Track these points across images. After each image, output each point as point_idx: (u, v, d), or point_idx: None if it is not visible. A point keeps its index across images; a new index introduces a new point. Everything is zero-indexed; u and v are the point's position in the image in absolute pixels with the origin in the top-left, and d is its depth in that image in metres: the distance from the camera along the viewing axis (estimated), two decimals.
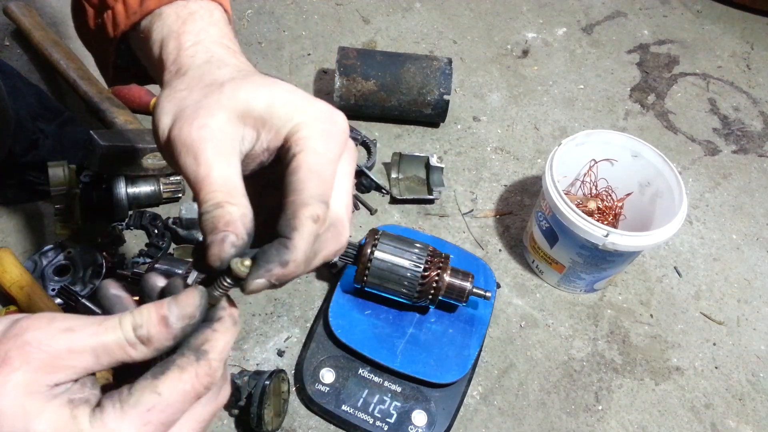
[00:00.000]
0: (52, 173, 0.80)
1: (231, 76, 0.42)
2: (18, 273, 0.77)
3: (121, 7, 0.48)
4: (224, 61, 0.44)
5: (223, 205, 0.37)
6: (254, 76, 0.43)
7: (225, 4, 0.51)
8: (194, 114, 0.39)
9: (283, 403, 0.74)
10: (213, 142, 0.38)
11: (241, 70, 0.44)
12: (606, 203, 0.94)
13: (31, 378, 0.34)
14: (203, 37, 0.46)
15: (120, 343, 0.35)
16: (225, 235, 0.36)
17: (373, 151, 1.02)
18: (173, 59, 0.45)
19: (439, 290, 0.76)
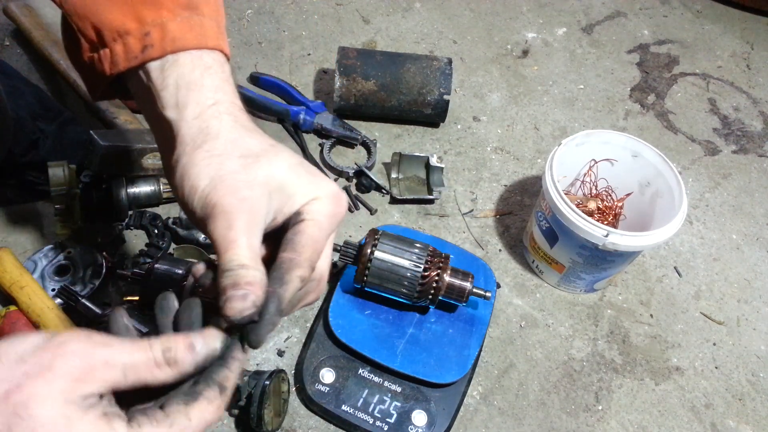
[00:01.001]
0: (52, 173, 0.80)
1: (263, 148, 0.47)
2: (18, 273, 0.77)
3: (121, 48, 0.48)
4: (248, 128, 0.48)
5: (248, 268, 0.41)
6: (281, 151, 0.48)
7: (227, 51, 0.53)
8: (235, 185, 0.44)
9: (283, 403, 0.74)
10: (249, 215, 0.43)
11: (266, 140, 0.48)
12: (606, 203, 0.94)
13: (70, 387, 0.36)
14: (221, 97, 0.49)
15: (148, 363, 0.39)
16: (246, 293, 0.41)
17: (373, 151, 1.02)
18: (196, 114, 0.47)
19: (439, 290, 0.76)
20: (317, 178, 0.48)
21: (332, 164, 1.00)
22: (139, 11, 0.48)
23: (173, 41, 0.48)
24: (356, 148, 1.05)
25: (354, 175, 1.00)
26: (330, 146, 1.03)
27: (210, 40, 0.50)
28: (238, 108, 0.50)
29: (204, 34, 0.49)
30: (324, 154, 1.01)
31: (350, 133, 1.03)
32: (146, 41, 0.48)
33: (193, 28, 0.49)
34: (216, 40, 0.50)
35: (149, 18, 0.48)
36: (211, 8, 0.51)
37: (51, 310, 0.74)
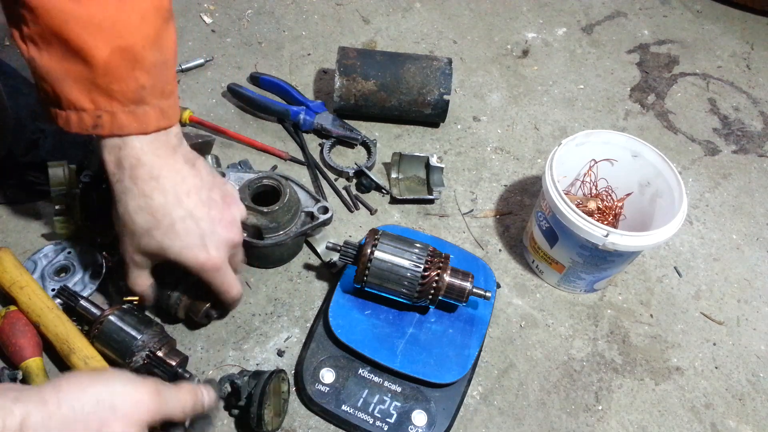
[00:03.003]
0: (52, 173, 0.80)
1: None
2: (18, 273, 0.77)
3: (76, 118, 0.60)
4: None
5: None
6: (161, 225, 0.65)
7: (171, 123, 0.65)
8: (121, 243, 0.70)
9: (283, 403, 0.74)
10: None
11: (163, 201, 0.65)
12: (606, 203, 0.94)
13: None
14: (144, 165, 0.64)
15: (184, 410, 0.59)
16: None
17: (373, 151, 1.02)
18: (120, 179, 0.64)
19: (439, 290, 0.76)
20: (189, 241, 0.66)
21: (332, 164, 1.00)
22: (94, 97, 0.59)
23: (120, 128, 0.60)
24: (356, 148, 1.05)
25: (354, 175, 1.00)
26: (330, 146, 1.03)
27: (150, 126, 0.62)
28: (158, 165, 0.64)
29: (147, 122, 0.61)
30: (324, 154, 1.01)
31: (350, 133, 1.03)
32: (98, 121, 0.60)
33: (137, 119, 0.61)
34: (156, 124, 0.62)
35: (102, 104, 0.59)
36: (156, 95, 0.62)
37: (51, 310, 0.74)
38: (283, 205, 0.81)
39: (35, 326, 0.74)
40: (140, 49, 0.59)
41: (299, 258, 0.90)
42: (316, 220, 0.84)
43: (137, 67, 0.60)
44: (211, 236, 0.67)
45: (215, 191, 0.69)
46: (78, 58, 0.57)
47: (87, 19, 0.57)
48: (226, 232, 0.68)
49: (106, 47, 0.57)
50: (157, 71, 0.62)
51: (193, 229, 0.65)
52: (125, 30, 0.58)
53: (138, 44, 0.59)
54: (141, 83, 0.60)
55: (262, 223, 0.80)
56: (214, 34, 1.20)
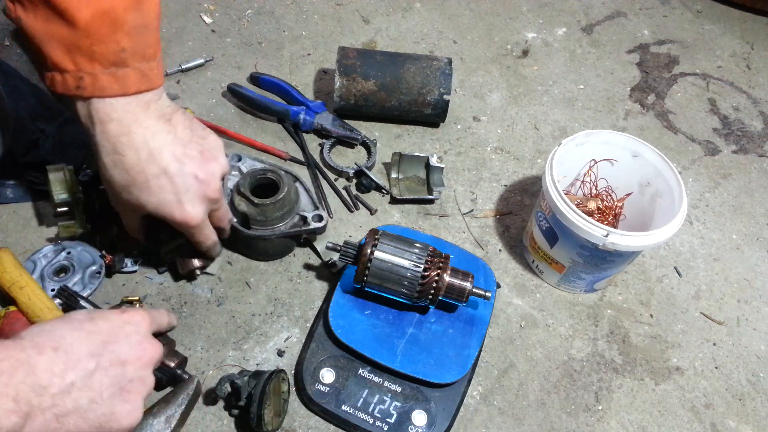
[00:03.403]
0: (53, 178, 0.80)
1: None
2: (18, 273, 0.77)
3: (59, 78, 0.61)
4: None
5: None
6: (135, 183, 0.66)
7: (154, 84, 0.66)
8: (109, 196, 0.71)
9: (283, 403, 0.74)
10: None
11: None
12: (606, 203, 0.94)
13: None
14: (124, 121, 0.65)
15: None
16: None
17: (373, 151, 1.02)
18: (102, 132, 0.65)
19: (439, 290, 0.76)
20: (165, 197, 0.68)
21: (332, 164, 1.00)
22: (76, 58, 0.60)
23: (101, 89, 0.62)
24: (356, 148, 1.05)
25: (354, 175, 1.00)
26: (330, 146, 1.03)
27: (131, 88, 0.63)
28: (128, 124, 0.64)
29: (127, 84, 0.63)
30: (324, 154, 1.01)
31: (350, 133, 1.03)
32: (80, 83, 0.61)
33: (118, 81, 0.62)
34: (137, 87, 0.64)
35: (84, 66, 0.60)
36: (137, 58, 0.63)
37: (51, 311, 0.74)
38: (276, 201, 0.81)
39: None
40: (121, 11, 0.60)
41: (299, 258, 0.90)
42: (308, 225, 0.84)
43: (118, 29, 0.61)
44: (185, 193, 0.67)
45: (191, 146, 0.69)
46: (61, 20, 0.59)
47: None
48: (202, 188, 0.69)
49: (88, 9, 0.59)
50: (138, 34, 0.63)
51: (167, 186, 0.66)
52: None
53: (119, 7, 0.60)
54: (122, 46, 0.61)
55: (250, 212, 0.81)
56: (214, 34, 1.20)
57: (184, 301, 0.84)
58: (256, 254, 0.88)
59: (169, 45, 1.16)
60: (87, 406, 0.52)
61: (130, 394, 0.56)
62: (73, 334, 0.54)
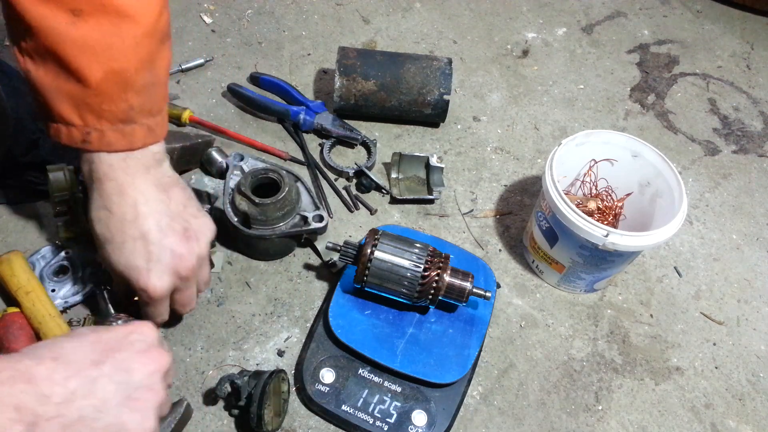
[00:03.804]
0: (53, 177, 0.80)
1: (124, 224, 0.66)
2: (26, 278, 0.77)
3: (65, 132, 0.62)
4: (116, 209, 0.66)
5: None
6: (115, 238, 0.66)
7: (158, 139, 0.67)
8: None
9: (283, 403, 0.74)
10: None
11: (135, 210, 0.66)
12: (606, 203, 0.94)
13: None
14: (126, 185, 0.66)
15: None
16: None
17: (373, 151, 1.02)
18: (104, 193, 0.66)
19: (439, 290, 0.76)
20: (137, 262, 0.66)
21: (332, 164, 1.00)
22: (84, 114, 0.61)
23: (108, 145, 0.63)
24: (356, 148, 1.05)
25: (354, 175, 1.00)
26: (330, 146, 1.03)
27: (137, 143, 0.64)
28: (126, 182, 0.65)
29: (133, 139, 0.64)
30: (324, 154, 1.01)
31: (350, 133, 1.03)
32: (86, 137, 0.62)
33: (125, 137, 0.63)
34: (143, 141, 0.65)
35: (92, 122, 0.61)
36: (144, 114, 0.64)
37: (53, 318, 0.74)
38: (276, 201, 0.81)
39: (35, 333, 0.74)
40: (132, 72, 0.61)
41: (299, 258, 0.90)
42: (308, 225, 0.84)
43: (128, 89, 0.62)
44: (156, 263, 0.66)
45: (177, 221, 0.68)
46: (72, 77, 0.59)
47: (82, 41, 0.58)
48: (174, 263, 0.67)
49: (100, 70, 0.59)
50: (147, 92, 0.64)
51: (141, 251, 0.65)
52: (119, 54, 0.60)
53: (131, 68, 0.61)
54: (131, 104, 0.62)
55: (251, 212, 0.81)
56: (214, 34, 1.20)
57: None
58: (257, 254, 0.88)
59: None
60: (93, 415, 0.49)
61: (138, 403, 0.53)
62: (74, 344, 0.52)
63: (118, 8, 0.59)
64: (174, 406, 0.70)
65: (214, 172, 0.95)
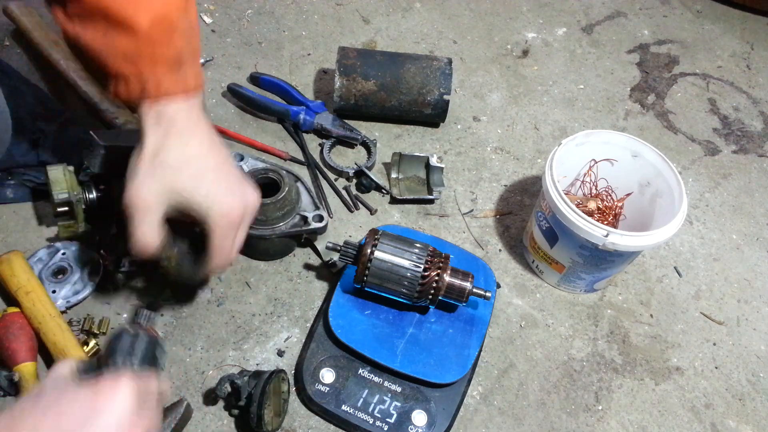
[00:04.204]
0: (52, 176, 0.80)
1: (182, 159, 0.64)
2: (26, 278, 0.77)
3: (124, 88, 0.64)
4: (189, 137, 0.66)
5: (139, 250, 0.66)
6: (196, 161, 0.65)
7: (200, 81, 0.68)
8: (139, 191, 0.64)
9: (283, 403, 0.74)
10: (144, 212, 0.64)
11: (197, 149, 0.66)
12: (606, 203, 0.94)
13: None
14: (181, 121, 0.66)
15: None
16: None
17: (373, 151, 1.02)
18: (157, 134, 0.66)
19: (439, 290, 0.76)
20: (218, 188, 0.66)
21: (332, 164, 1.00)
22: (139, 64, 0.62)
23: (166, 91, 0.64)
24: (356, 148, 1.05)
25: (354, 175, 1.00)
26: (330, 146, 1.03)
27: (190, 86, 0.66)
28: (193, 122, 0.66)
29: (186, 83, 0.65)
30: (324, 154, 1.01)
31: (350, 133, 1.03)
32: (145, 86, 0.63)
33: (180, 81, 0.65)
34: (195, 81, 0.67)
35: (147, 71, 0.63)
36: (190, 58, 0.66)
37: (53, 318, 0.74)
38: (276, 201, 0.81)
39: (36, 332, 0.74)
40: (175, 15, 0.63)
41: (299, 258, 0.90)
42: (308, 225, 0.84)
43: (174, 32, 0.63)
44: (235, 192, 0.68)
45: (235, 167, 0.71)
46: (121, 30, 0.60)
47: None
48: (247, 196, 0.69)
49: (147, 16, 0.60)
50: (187, 36, 0.66)
51: (223, 180, 0.67)
52: (160, 0, 0.62)
53: (173, 11, 0.63)
54: (178, 47, 0.64)
55: None
56: (214, 34, 1.20)
57: (184, 301, 0.84)
58: (257, 254, 0.88)
59: None
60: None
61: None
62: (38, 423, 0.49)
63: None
64: (174, 406, 0.70)
65: None
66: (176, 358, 0.78)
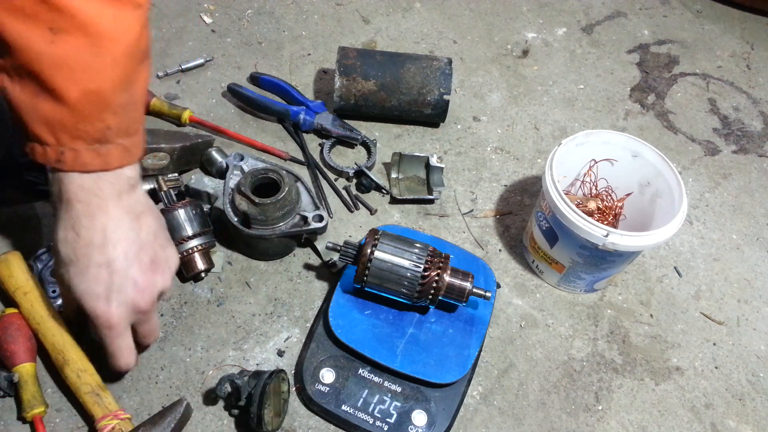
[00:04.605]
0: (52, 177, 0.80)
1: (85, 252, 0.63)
2: (24, 278, 0.76)
3: (40, 151, 0.61)
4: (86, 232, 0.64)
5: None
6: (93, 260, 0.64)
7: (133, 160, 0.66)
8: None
9: (283, 403, 0.74)
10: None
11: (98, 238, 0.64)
12: (606, 203, 0.94)
13: None
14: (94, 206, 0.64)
15: None
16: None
17: (373, 151, 1.02)
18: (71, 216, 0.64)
19: (439, 290, 0.76)
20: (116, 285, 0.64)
21: (332, 164, 1.00)
22: (60, 134, 0.60)
23: (83, 165, 0.61)
24: (356, 148, 1.05)
25: (354, 175, 1.00)
26: (330, 146, 1.03)
27: (113, 163, 0.63)
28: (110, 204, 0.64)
29: (109, 160, 0.63)
30: (324, 154, 1.01)
31: (350, 133, 1.03)
32: (61, 157, 0.61)
33: (100, 156, 0.62)
34: (119, 162, 0.64)
35: (66, 142, 0.60)
36: (121, 134, 0.63)
37: (51, 319, 0.74)
38: (276, 201, 0.81)
39: (34, 333, 0.74)
40: (110, 92, 0.60)
41: (299, 258, 0.90)
42: (308, 225, 0.84)
43: (105, 109, 0.61)
44: (118, 293, 0.64)
45: (145, 252, 0.66)
46: (48, 96, 0.58)
47: (60, 60, 0.57)
48: (135, 295, 0.65)
49: (77, 89, 0.58)
50: (124, 112, 0.63)
51: (104, 279, 0.63)
52: (97, 74, 0.59)
53: (108, 88, 0.60)
54: (107, 124, 0.61)
55: (251, 211, 0.81)
56: (214, 34, 1.20)
57: (184, 301, 0.84)
58: (257, 254, 0.89)
59: (169, 45, 1.16)
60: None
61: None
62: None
63: (98, 27, 0.58)
64: (173, 405, 0.70)
65: (214, 172, 0.95)
66: (176, 358, 0.78)
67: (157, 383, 0.76)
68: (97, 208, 0.63)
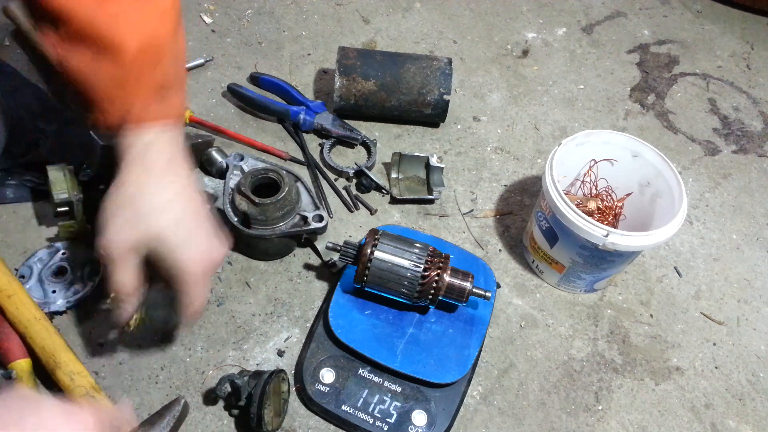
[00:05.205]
0: (53, 177, 0.80)
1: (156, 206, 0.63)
2: (6, 281, 0.74)
3: (102, 119, 0.63)
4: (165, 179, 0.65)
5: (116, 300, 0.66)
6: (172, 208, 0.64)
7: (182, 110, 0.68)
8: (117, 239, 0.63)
9: (283, 403, 0.74)
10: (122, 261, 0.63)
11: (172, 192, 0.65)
12: (606, 203, 0.94)
13: None
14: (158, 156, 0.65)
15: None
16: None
17: (373, 151, 1.02)
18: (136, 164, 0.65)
19: (439, 290, 0.76)
20: (191, 237, 0.65)
21: (332, 164, 1.00)
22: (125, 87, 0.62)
23: (149, 117, 0.64)
24: (356, 148, 1.05)
25: (354, 175, 1.00)
26: (330, 146, 1.03)
27: (173, 113, 0.66)
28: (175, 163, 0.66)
29: (170, 111, 0.66)
30: (324, 154, 1.01)
31: (350, 133, 1.03)
32: (130, 108, 0.63)
33: (164, 107, 0.65)
34: (178, 111, 0.67)
35: (132, 96, 0.62)
36: (175, 85, 0.66)
37: (38, 321, 0.72)
38: (276, 201, 0.81)
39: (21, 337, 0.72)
40: (164, 40, 0.63)
41: (299, 258, 0.90)
42: (308, 225, 0.84)
43: (162, 57, 0.63)
44: (207, 244, 0.67)
45: (209, 217, 0.70)
46: (108, 54, 0.60)
47: (113, 18, 0.60)
48: (215, 249, 0.68)
49: (135, 40, 0.60)
50: (175, 62, 0.66)
51: (195, 230, 0.66)
52: (150, 24, 0.62)
53: (163, 35, 0.63)
54: (165, 71, 0.64)
55: (251, 212, 0.81)
56: (214, 34, 1.20)
57: None
58: (257, 254, 0.88)
59: None
60: None
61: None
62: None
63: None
64: (171, 404, 0.70)
65: (214, 172, 0.95)
66: (176, 358, 0.78)
67: (157, 383, 0.76)
68: (177, 165, 0.66)
